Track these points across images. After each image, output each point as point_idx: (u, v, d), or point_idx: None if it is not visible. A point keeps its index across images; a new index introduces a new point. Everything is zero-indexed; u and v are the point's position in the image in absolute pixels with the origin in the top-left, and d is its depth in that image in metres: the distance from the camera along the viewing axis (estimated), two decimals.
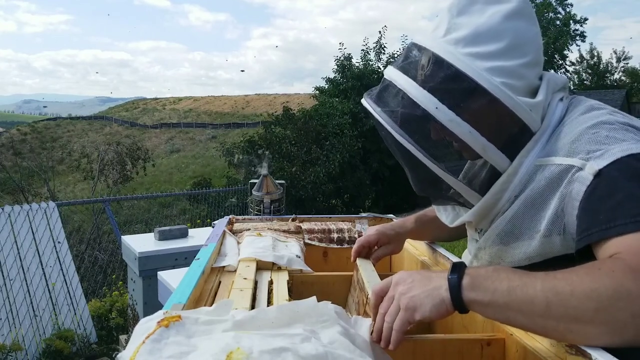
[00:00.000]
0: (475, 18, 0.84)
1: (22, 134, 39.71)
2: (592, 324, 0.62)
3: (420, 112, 0.82)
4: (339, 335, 0.70)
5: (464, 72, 0.80)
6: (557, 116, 0.85)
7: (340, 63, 16.16)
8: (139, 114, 51.50)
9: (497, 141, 0.82)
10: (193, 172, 26.22)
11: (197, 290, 0.94)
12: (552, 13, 24.88)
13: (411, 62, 0.87)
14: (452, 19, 0.86)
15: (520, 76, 0.83)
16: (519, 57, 0.83)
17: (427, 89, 0.82)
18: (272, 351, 0.59)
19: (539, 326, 0.66)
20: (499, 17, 0.84)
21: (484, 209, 0.87)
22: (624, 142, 0.74)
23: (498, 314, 0.69)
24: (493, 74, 0.80)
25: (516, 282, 0.67)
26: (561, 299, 0.64)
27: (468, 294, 0.70)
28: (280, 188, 1.88)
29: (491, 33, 0.83)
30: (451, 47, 0.83)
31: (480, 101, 0.80)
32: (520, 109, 0.81)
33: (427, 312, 0.72)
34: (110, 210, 5.40)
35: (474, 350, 0.83)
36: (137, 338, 0.62)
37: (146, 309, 2.87)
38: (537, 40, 0.88)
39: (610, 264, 0.65)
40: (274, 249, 1.24)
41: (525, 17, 0.86)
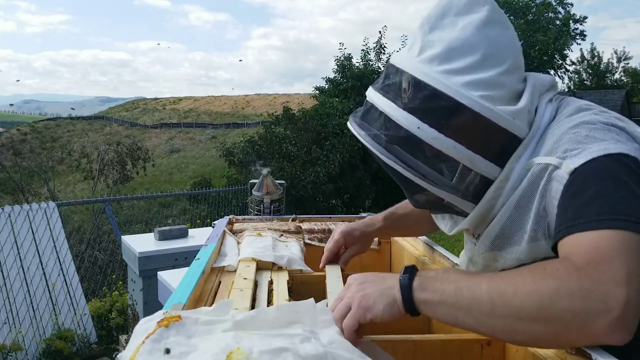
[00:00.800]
0: (447, 33, 0.85)
1: (22, 134, 39.71)
2: (536, 322, 0.63)
3: (403, 133, 0.83)
4: (338, 335, 0.70)
5: (440, 90, 0.81)
6: (546, 119, 0.85)
7: (341, 63, 16.16)
8: (139, 114, 51.50)
9: (484, 152, 0.82)
10: (193, 172, 26.22)
11: (197, 290, 0.94)
12: (552, 13, 24.88)
13: (390, 83, 0.88)
14: (425, 37, 0.86)
15: (499, 85, 0.83)
16: (495, 66, 0.83)
17: (408, 110, 0.82)
18: (272, 351, 0.59)
19: (487, 326, 0.67)
20: (471, 28, 0.84)
21: (479, 216, 0.88)
22: (603, 141, 0.74)
23: (447, 314, 0.70)
24: (470, 89, 0.81)
25: (463, 282, 0.69)
26: (505, 299, 0.65)
27: (418, 294, 0.72)
28: (280, 188, 1.88)
29: (465, 47, 0.83)
30: (426, 67, 0.83)
31: (461, 117, 0.81)
32: (502, 119, 0.81)
33: (379, 311, 0.73)
34: (110, 210, 5.40)
35: (474, 350, 0.83)
36: (137, 338, 0.62)
37: (146, 309, 2.87)
38: (512, 44, 0.87)
39: (556, 264, 0.66)
40: (274, 249, 1.24)
41: (497, 24, 0.86)
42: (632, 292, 0.60)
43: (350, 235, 1.20)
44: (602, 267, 0.63)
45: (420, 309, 0.72)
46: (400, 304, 0.73)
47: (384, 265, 1.56)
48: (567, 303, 0.61)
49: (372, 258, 1.55)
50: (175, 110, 51.55)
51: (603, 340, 0.61)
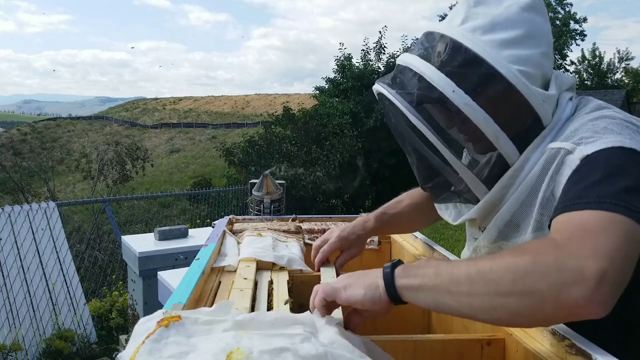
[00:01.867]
0: (492, 9, 0.86)
1: (22, 134, 39.71)
2: (512, 296, 0.62)
3: (436, 94, 0.82)
4: (338, 335, 0.70)
5: (481, 57, 0.81)
6: (566, 113, 0.86)
7: (341, 63, 16.15)
8: (139, 114, 51.50)
9: (509, 130, 0.82)
10: (193, 172, 26.22)
11: (197, 290, 0.94)
12: (552, 13, 24.88)
13: (427, 47, 0.88)
14: (469, 9, 0.87)
15: (537, 65, 0.84)
16: (535, 47, 0.84)
17: (445, 72, 0.82)
18: (272, 351, 0.59)
19: (466, 306, 0.66)
20: (516, 7, 0.86)
21: (490, 203, 0.87)
22: (620, 135, 0.75)
23: (428, 298, 0.70)
24: (511, 61, 0.81)
25: (443, 266, 0.70)
26: (482, 275, 0.65)
27: (399, 280, 0.72)
28: (280, 188, 1.88)
29: (508, 22, 0.84)
30: (469, 34, 0.84)
31: (497, 87, 0.81)
32: (534, 99, 0.81)
33: (359, 295, 0.74)
34: (110, 210, 5.40)
35: (474, 350, 0.83)
36: (136, 338, 0.62)
37: (146, 309, 2.87)
38: (549, 35, 0.89)
39: (537, 242, 0.67)
40: (274, 249, 1.24)
41: (539, 13, 0.88)
42: (611, 267, 0.60)
43: (346, 240, 1.19)
44: (584, 242, 0.62)
45: (402, 295, 0.72)
46: (382, 291, 0.73)
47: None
48: (541, 275, 0.61)
49: (372, 258, 1.55)
50: (175, 110, 51.55)
51: (579, 313, 0.60)
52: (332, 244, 1.18)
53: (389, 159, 14.23)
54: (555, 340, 0.73)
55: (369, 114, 14.40)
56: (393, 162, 14.20)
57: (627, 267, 0.62)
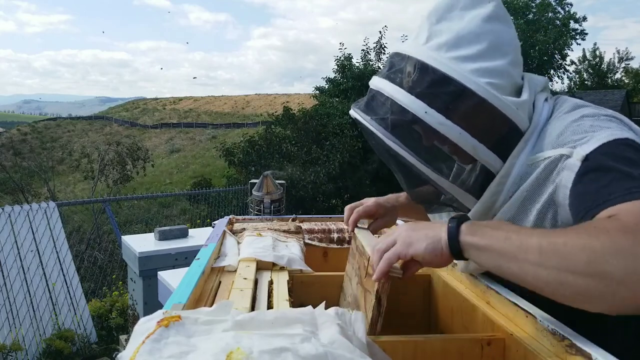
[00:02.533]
0: (455, 24, 0.87)
1: (22, 134, 39.71)
2: (583, 276, 0.61)
3: (410, 117, 0.83)
4: (338, 335, 0.70)
5: (449, 75, 0.82)
6: (544, 116, 0.86)
7: (341, 63, 16.14)
8: (139, 114, 51.50)
9: (488, 141, 0.83)
10: (193, 172, 26.22)
11: (197, 290, 0.94)
12: (552, 13, 24.87)
13: (396, 70, 0.89)
14: (432, 26, 0.88)
15: (505, 75, 0.84)
16: (501, 57, 0.85)
17: (415, 94, 0.83)
18: (272, 351, 0.59)
19: (532, 275, 0.65)
20: (478, 20, 0.86)
21: (480, 211, 0.88)
22: (609, 129, 0.76)
23: (491, 260, 0.69)
24: (478, 75, 0.82)
25: (513, 232, 0.69)
26: (555, 248, 0.63)
27: (465, 237, 0.72)
28: (280, 188, 1.88)
29: (471, 36, 0.85)
30: (434, 53, 0.85)
31: (468, 102, 0.82)
32: (507, 108, 0.82)
33: (421, 249, 0.74)
34: (110, 211, 5.40)
35: (474, 350, 0.83)
36: (137, 338, 0.62)
37: (146, 309, 2.87)
38: (515, 41, 0.90)
39: (606, 223, 0.65)
40: (274, 249, 1.24)
41: (502, 20, 0.89)
42: None
43: (382, 207, 1.19)
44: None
45: (465, 252, 0.71)
46: (445, 245, 0.72)
47: None
48: (619, 260, 0.59)
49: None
50: (175, 110, 51.56)
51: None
52: (369, 207, 1.18)
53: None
54: (555, 340, 0.73)
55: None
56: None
57: None
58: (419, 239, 0.75)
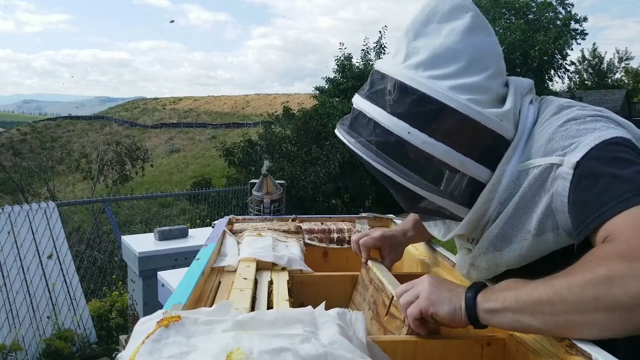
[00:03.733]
0: (432, 40, 0.86)
1: (22, 134, 39.70)
2: (597, 312, 0.63)
3: (393, 138, 0.84)
4: (338, 335, 0.70)
5: (429, 95, 0.82)
6: (530, 120, 0.86)
7: (341, 63, 16.14)
8: (139, 113, 51.49)
9: (474, 154, 0.83)
10: (193, 172, 26.21)
11: (197, 290, 0.94)
12: (552, 13, 24.85)
13: (377, 90, 0.89)
14: (410, 44, 0.87)
15: (485, 89, 0.84)
16: (481, 72, 0.84)
17: (397, 115, 0.83)
18: (272, 351, 0.59)
19: (553, 325, 0.67)
20: (455, 35, 0.85)
21: (473, 220, 0.89)
22: (595, 130, 0.77)
23: (511, 321, 0.71)
24: (458, 92, 0.82)
25: (521, 289, 0.71)
26: (561, 296, 0.66)
27: (482, 304, 0.74)
28: (280, 188, 1.88)
29: (449, 53, 0.84)
30: (412, 72, 0.84)
31: (450, 120, 0.82)
32: (490, 121, 0.82)
33: (442, 310, 0.76)
34: (110, 211, 5.40)
35: (475, 350, 0.83)
36: (136, 338, 0.62)
37: (146, 309, 2.86)
38: (495, 50, 0.89)
39: (599, 252, 0.67)
40: (274, 249, 1.24)
41: (481, 30, 0.88)
42: None
43: (388, 242, 1.21)
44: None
45: (482, 318, 0.74)
46: (464, 314, 0.75)
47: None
48: (622, 287, 0.62)
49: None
50: (175, 110, 51.54)
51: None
52: (375, 240, 1.19)
53: None
54: (555, 341, 0.73)
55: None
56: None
57: None
58: (441, 301, 0.78)
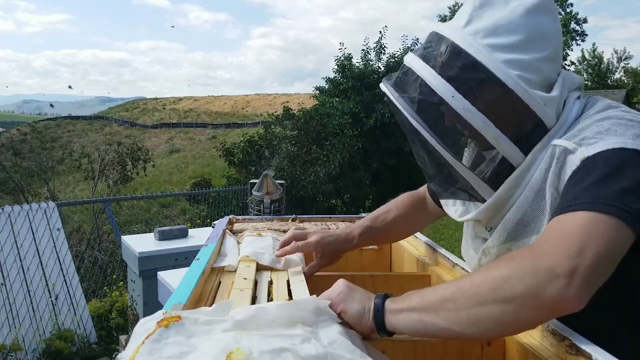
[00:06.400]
0: (497, 11, 0.86)
1: (22, 134, 39.71)
2: (494, 303, 0.65)
3: (436, 99, 0.83)
4: (339, 335, 0.70)
5: (481, 62, 0.82)
6: (573, 114, 0.85)
7: (341, 63, 16.13)
8: (139, 114, 51.48)
9: (511, 133, 0.82)
10: (193, 172, 26.20)
11: (197, 290, 0.94)
12: None
13: (430, 50, 0.88)
14: (474, 11, 0.87)
15: (537, 70, 0.83)
16: (537, 51, 0.84)
17: (445, 77, 0.83)
18: (272, 351, 0.59)
19: (455, 322, 0.69)
20: (521, 10, 0.85)
21: (495, 205, 0.87)
22: (622, 135, 0.75)
23: (416, 322, 0.73)
24: (510, 66, 0.81)
25: (427, 291, 0.74)
26: (463, 291, 0.69)
27: (389, 306, 0.76)
28: (280, 188, 1.88)
29: (511, 26, 0.84)
30: (470, 38, 0.84)
31: (496, 92, 0.81)
32: (534, 103, 0.81)
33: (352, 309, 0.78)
34: (110, 211, 5.40)
35: (475, 350, 0.83)
36: (136, 338, 0.62)
37: (146, 309, 2.86)
38: (557, 36, 0.88)
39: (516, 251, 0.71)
40: (274, 249, 1.24)
41: (547, 13, 0.87)
42: (583, 263, 0.63)
43: (323, 250, 1.17)
44: (557, 242, 0.66)
45: (388, 321, 0.75)
46: (371, 313, 0.77)
47: (384, 265, 1.56)
48: (517, 280, 0.64)
49: (372, 258, 1.55)
50: (175, 110, 51.53)
51: (558, 309, 0.64)
52: (310, 246, 1.16)
53: (389, 159, 14.21)
54: (556, 341, 0.73)
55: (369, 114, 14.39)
56: (393, 162, 14.18)
57: (603, 264, 0.64)
58: (352, 299, 0.79)
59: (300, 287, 1.01)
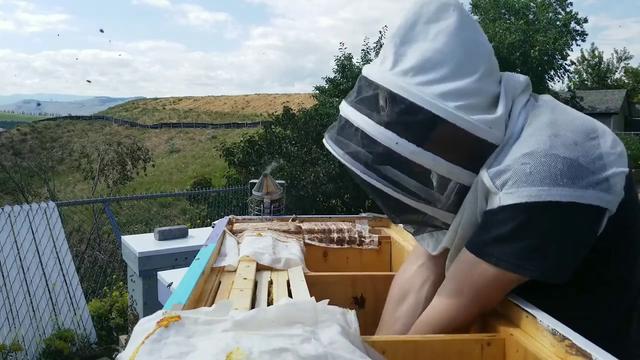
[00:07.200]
0: (420, 44, 0.84)
1: (22, 134, 39.71)
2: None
3: (381, 149, 0.82)
4: (339, 335, 0.70)
5: (417, 104, 0.80)
6: (518, 127, 0.83)
7: (341, 63, 16.15)
8: (138, 114, 51.47)
9: (462, 162, 0.82)
10: (193, 172, 26.20)
11: (197, 290, 0.94)
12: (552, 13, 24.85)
13: (364, 97, 0.86)
14: (397, 50, 0.85)
15: (476, 92, 0.82)
16: (470, 74, 0.82)
17: (384, 125, 0.81)
18: (272, 351, 0.59)
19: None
20: (443, 37, 0.83)
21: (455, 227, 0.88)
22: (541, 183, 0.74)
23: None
24: (447, 99, 0.80)
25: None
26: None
27: None
28: (280, 188, 1.88)
29: (438, 57, 0.82)
30: (400, 80, 0.82)
31: (439, 129, 0.80)
32: (479, 130, 0.80)
33: None
34: (110, 211, 5.40)
35: (475, 350, 0.83)
36: (136, 338, 0.62)
37: (146, 309, 2.86)
38: (484, 48, 0.86)
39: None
40: (273, 249, 1.24)
41: (469, 29, 0.85)
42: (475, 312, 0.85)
43: None
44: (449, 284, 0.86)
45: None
46: None
47: (384, 265, 1.56)
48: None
49: (372, 258, 1.55)
50: (175, 110, 51.53)
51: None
52: None
53: None
54: (556, 341, 0.73)
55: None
56: None
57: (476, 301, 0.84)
58: None
59: (300, 287, 1.01)
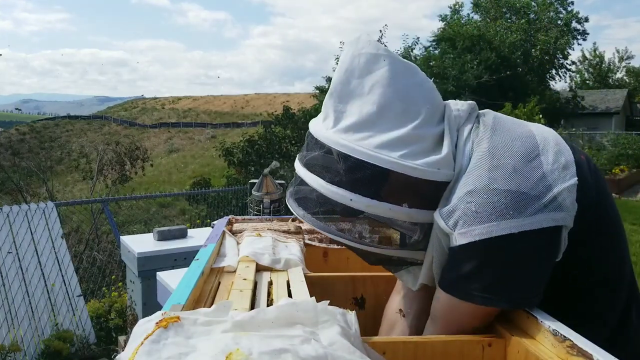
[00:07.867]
0: (357, 99, 0.85)
1: (21, 133, 39.70)
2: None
3: (338, 207, 0.84)
4: (339, 336, 0.70)
5: (361, 159, 0.81)
6: (466, 158, 0.83)
7: None
8: (137, 113, 51.46)
9: (419, 204, 0.83)
10: (192, 172, 26.19)
11: (196, 291, 0.93)
12: (554, 12, 24.87)
13: (314, 156, 0.89)
14: (337, 107, 0.86)
15: (419, 138, 0.82)
16: (411, 120, 0.83)
17: (336, 184, 0.83)
18: (272, 352, 0.59)
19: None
20: (379, 88, 0.83)
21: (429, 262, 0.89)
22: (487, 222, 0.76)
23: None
24: (391, 149, 0.80)
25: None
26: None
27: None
28: (280, 188, 1.88)
29: (377, 110, 0.83)
30: (343, 138, 0.83)
31: (389, 180, 0.82)
32: (427, 173, 0.81)
33: None
34: (109, 211, 5.39)
35: (475, 351, 0.82)
36: (135, 339, 0.62)
37: (145, 310, 2.86)
38: (423, 90, 0.86)
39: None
40: (273, 249, 1.24)
41: (403, 75, 0.85)
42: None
43: None
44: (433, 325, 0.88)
45: None
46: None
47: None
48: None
49: None
50: (174, 110, 51.52)
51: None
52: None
53: None
54: (557, 341, 0.73)
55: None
56: None
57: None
58: None
59: (300, 288, 1.01)
